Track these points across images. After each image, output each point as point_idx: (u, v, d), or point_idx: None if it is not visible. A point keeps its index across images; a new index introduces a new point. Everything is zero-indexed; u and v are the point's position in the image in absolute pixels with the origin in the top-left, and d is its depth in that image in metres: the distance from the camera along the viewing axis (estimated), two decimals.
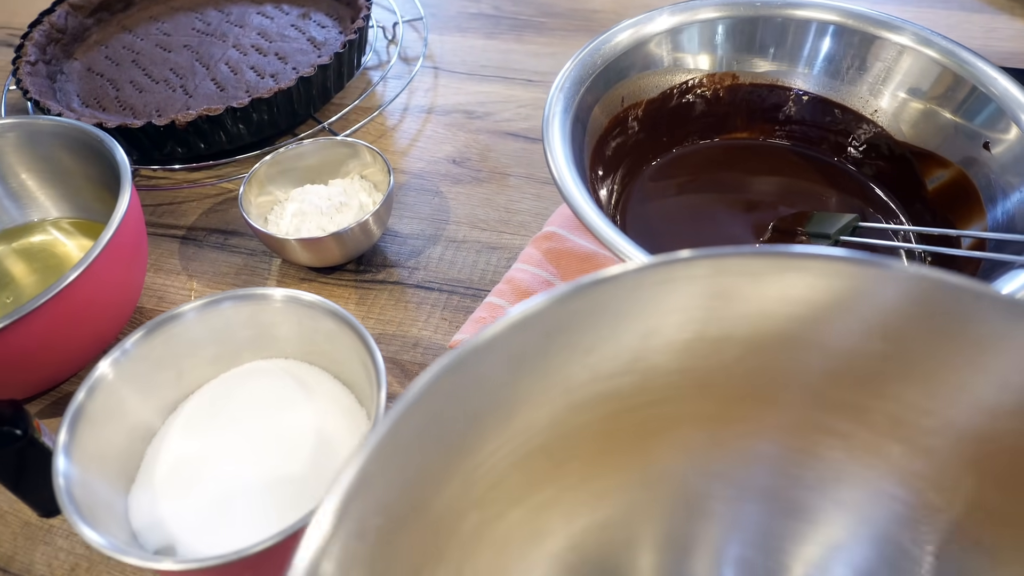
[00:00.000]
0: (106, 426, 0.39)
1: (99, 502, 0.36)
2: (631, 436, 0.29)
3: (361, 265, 0.55)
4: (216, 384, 0.44)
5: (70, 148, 0.52)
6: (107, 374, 0.39)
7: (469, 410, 0.25)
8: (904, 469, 0.28)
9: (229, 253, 0.57)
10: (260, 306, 0.43)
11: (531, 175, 0.61)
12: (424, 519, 0.25)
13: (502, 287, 0.51)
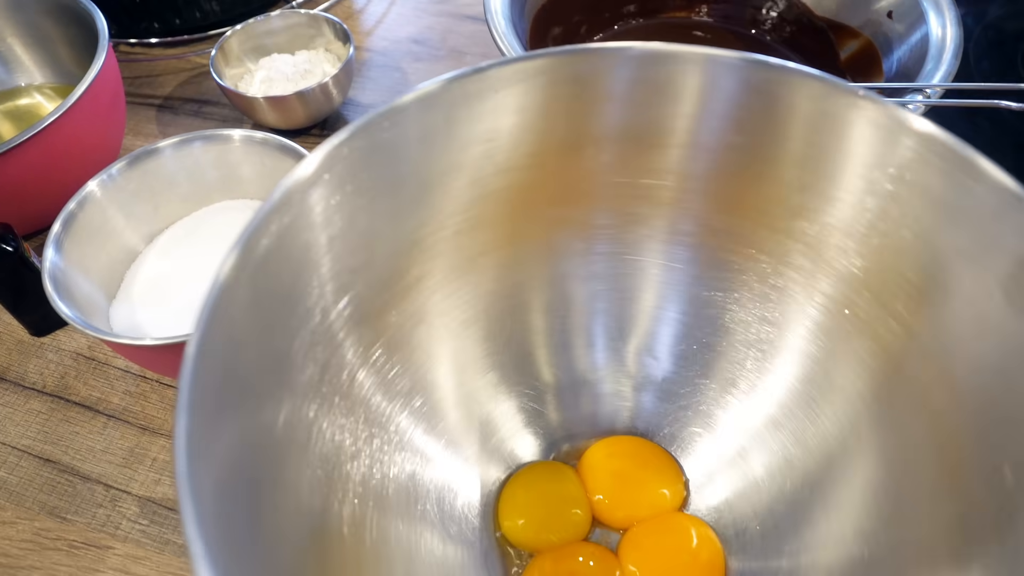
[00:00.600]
0: (92, 241, 0.44)
1: (81, 300, 0.42)
2: (517, 220, 0.34)
3: (324, 129, 0.60)
4: (189, 219, 0.49)
5: (54, 15, 0.56)
6: (95, 192, 0.44)
7: (393, 174, 0.30)
8: (685, 232, 0.33)
9: (203, 119, 0.61)
10: (225, 146, 0.47)
11: (485, 54, 0.65)
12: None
13: None
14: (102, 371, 0.47)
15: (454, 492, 0.37)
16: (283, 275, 0.26)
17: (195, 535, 0.19)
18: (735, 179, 0.30)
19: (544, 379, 0.39)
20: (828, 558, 0.32)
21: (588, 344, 0.37)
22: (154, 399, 0.45)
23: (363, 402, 0.32)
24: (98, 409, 0.45)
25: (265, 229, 0.24)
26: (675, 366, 0.36)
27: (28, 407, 0.45)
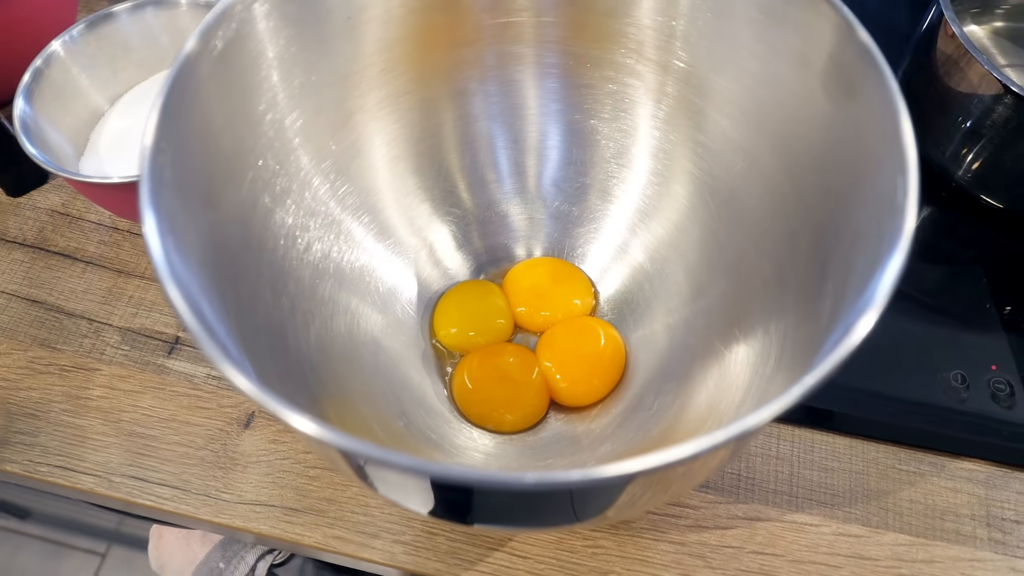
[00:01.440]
0: (59, 97, 0.48)
1: (52, 152, 0.46)
2: (426, 61, 0.39)
3: None
4: (147, 83, 0.53)
5: None
6: (58, 51, 0.48)
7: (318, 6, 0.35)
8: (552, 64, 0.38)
9: None
10: (174, 11, 0.51)
11: None
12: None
13: None
14: (77, 225, 0.52)
15: (398, 292, 0.43)
16: (236, 74, 0.31)
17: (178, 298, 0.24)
18: (579, 8, 0.35)
19: (468, 208, 0.45)
20: (683, 313, 0.40)
21: (497, 178, 0.43)
22: (127, 247, 0.51)
23: (321, 202, 0.37)
24: (76, 257, 0.50)
25: (216, 30, 0.29)
26: (563, 188, 0.42)
27: (11, 258, 0.50)
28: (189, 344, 0.47)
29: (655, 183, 0.39)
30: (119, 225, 0.52)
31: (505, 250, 0.46)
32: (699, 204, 0.36)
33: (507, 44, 0.37)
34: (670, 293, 0.40)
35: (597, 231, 0.43)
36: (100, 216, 0.52)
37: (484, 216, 0.45)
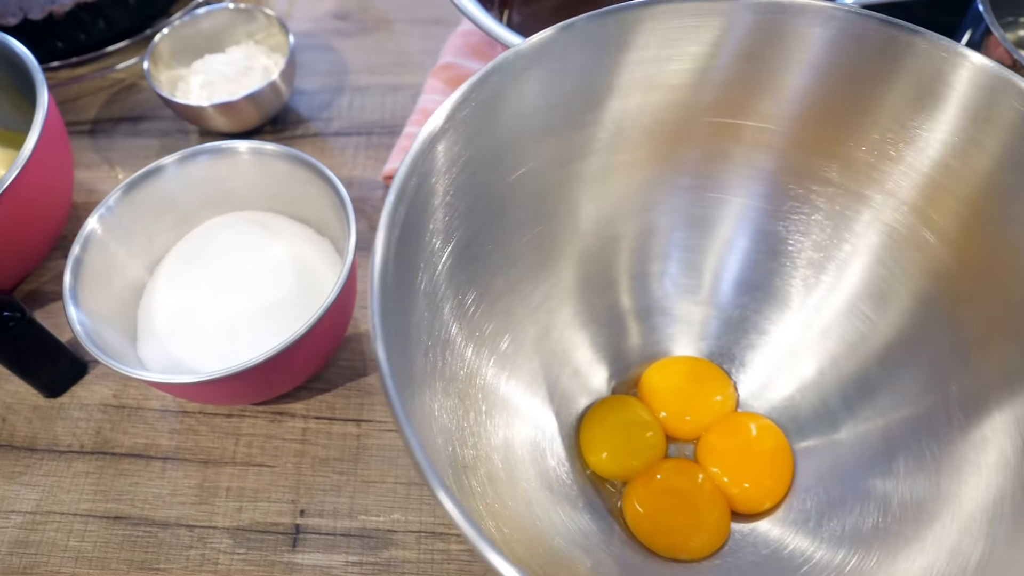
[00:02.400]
0: (102, 282, 0.42)
1: (114, 352, 0.40)
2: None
3: (277, 125, 0.58)
4: (183, 243, 0.47)
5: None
6: (96, 230, 0.42)
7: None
8: (765, 169, 0.36)
9: (144, 138, 0.58)
10: (221, 160, 0.46)
11: (413, 18, 0.65)
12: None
13: (416, 117, 0.56)
14: (138, 416, 0.46)
15: (542, 448, 0.40)
16: (415, 227, 0.28)
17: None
18: (819, 121, 0.33)
19: (621, 306, 0.42)
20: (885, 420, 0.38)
21: (662, 272, 0.40)
22: (204, 431, 0.45)
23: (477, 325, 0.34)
24: (150, 455, 0.44)
25: (408, 183, 0.27)
26: (738, 291, 0.40)
27: (73, 471, 0.44)
28: (314, 530, 0.42)
29: (848, 304, 0.37)
30: (187, 407, 0.46)
31: (658, 353, 0.43)
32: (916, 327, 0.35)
33: (719, 143, 0.35)
34: (839, 409, 0.38)
35: (766, 339, 0.41)
36: (162, 401, 0.46)
37: (641, 315, 0.42)
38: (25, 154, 0.44)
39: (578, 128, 0.35)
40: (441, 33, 0.63)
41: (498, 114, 0.32)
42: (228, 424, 0.45)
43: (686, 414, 0.42)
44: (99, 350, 0.38)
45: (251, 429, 0.45)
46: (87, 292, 0.41)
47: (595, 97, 0.34)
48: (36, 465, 0.44)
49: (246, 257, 0.46)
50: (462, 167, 0.32)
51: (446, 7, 0.65)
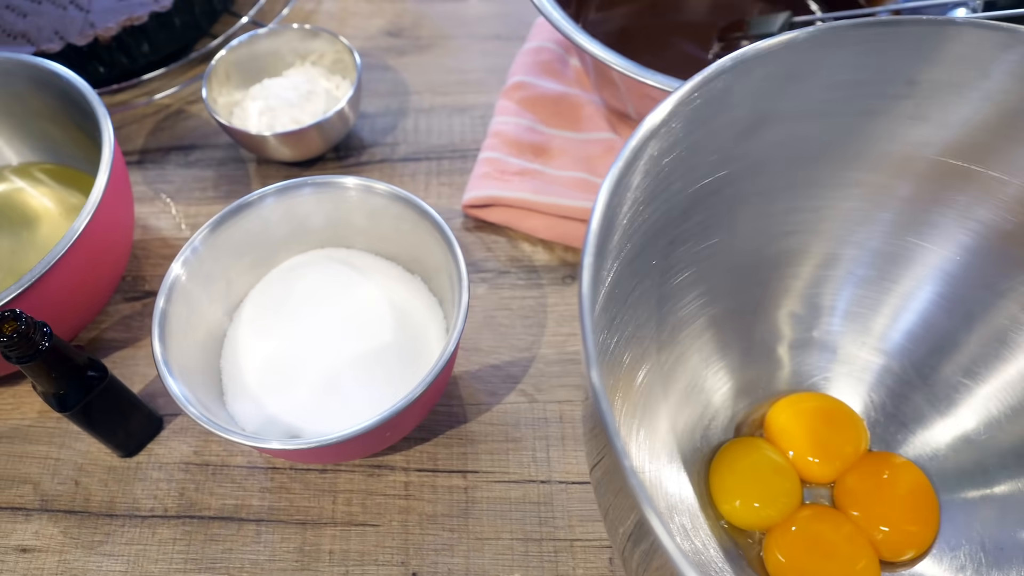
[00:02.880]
0: (186, 333, 0.39)
1: (203, 411, 0.37)
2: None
3: (340, 152, 0.55)
4: (264, 286, 0.44)
5: (22, 86, 0.47)
6: (180, 276, 0.39)
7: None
8: (990, 228, 0.33)
9: (198, 169, 0.55)
10: (324, 194, 0.42)
11: (471, 34, 0.62)
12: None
13: (492, 141, 0.53)
14: (223, 474, 0.42)
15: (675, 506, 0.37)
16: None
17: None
18: None
19: (777, 335, 0.39)
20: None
21: (832, 307, 0.37)
22: (297, 489, 0.42)
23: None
24: (241, 517, 0.41)
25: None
26: (912, 342, 0.37)
27: (158, 537, 0.41)
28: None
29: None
30: (276, 463, 0.43)
31: (806, 390, 0.41)
32: None
33: (942, 184, 0.32)
34: (995, 468, 0.36)
35: (929, 393, 0.38)
36: (248, 457, 0.43)
37: (797, 348, 0.40)
38: (96, 196, 0.40)
39: (783, 138, 0.32)
40: (501, 49, 0.60)
41: (712, 118, 0.30)
42: (323, 480, 0.42)
43: (818, 455, 0.40)
44: (205, 418, 0.35)
45: (348, 485, 0.42)
46: (173, 346, 0.38)
47: (814, 108, 0.31)
48: (117, 532, 0.41)
49: (337, 301, 0.42)
50: (660, 172, 0.29)
51: (505, 22, 0.62)
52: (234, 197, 0.53)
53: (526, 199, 0.49)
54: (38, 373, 0.36)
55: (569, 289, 0.48)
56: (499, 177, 0.51)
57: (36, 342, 0.34)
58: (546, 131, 0.54)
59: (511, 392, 0.44)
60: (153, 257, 0.51)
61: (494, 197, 0.49)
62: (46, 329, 0.35)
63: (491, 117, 0.56)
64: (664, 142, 0.28)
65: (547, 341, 0.46)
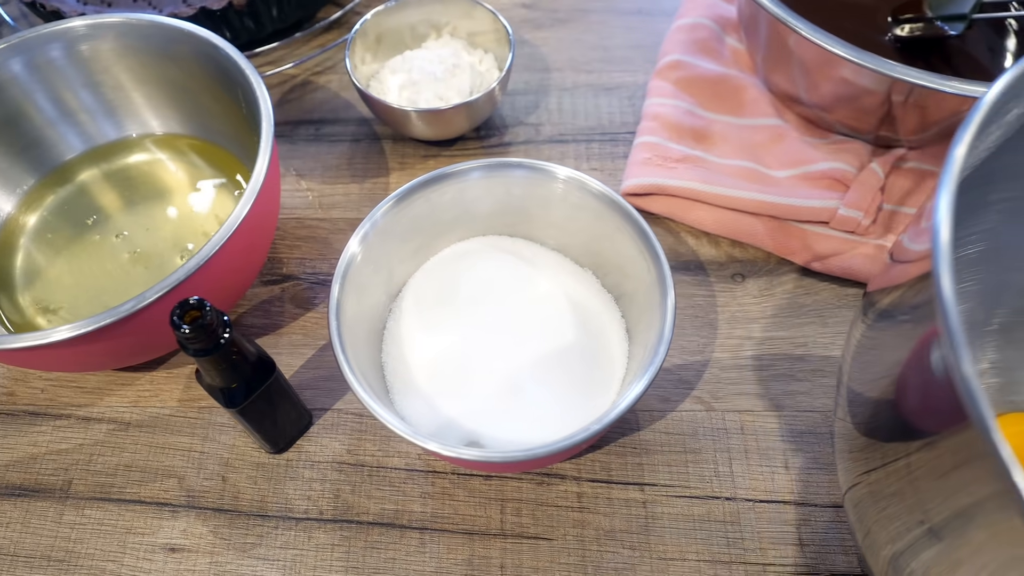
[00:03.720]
0: (355, 325, 0.36)
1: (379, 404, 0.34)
2: None
3: (481, 131, 0.52)
4: (426, 275, 0.41)
5: (178, 54, 0.44)
6: (356, 255, 0.36)
7: None
8: None
9: (328, 144, 0.52)
10: (529, 178, 0.39)
11: (611, 8, 0.58)
12: None
13: (649, 124, 0.49)
14: (380, 476, 0.40)
15: None
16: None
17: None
18: None
19: None
20: None
21: None
22: (461, 496, 0.39)
23: None
24: (402, 523, 0.38)
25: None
26: None
27: (315, 542, 0.38)
28: None
29: None
30: (437, 466, 0.40)
31: None
32: None
33: None
34: None
35: None
36: (406, 459, 0.40)
37: None
38: (259, 175, 0.37)
39: None
40: (644, 24, 0.56)
41: None
42: (488, 488, 0.39)
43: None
44: (409, 430, 0.32)
45: (516, 494, 0.39)
46: (348, 339, 0.35)
47: None
48: (271, 535, 0.38)
49: (511, 295, 0.39)
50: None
51: None
52: (371, 175, 0.50)
53: (693, 188, 0.45)
54: (212, 366, 0.33)
55: (739, 288, 0.45)
56: (661, 164, 0.47)
57: (217, 335, 0.31)
58: (706, 115, 0.50)
59: (685, 399, 0.41)
60: (289, 238, 0.48)
61: (658, 185, 0.46)
62: (227, 320, 0.32)
63: (641, 98, 0.52)
64: None
65: (720, 344, 0.43)
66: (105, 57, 0.44)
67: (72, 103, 0.45)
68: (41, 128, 0.45)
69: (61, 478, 0.40)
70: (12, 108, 0.44)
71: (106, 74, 0.45)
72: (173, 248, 0.44)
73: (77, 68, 0.44)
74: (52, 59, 0.43)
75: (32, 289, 0.43)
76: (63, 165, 0.47)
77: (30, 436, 0.42)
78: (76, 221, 0.45)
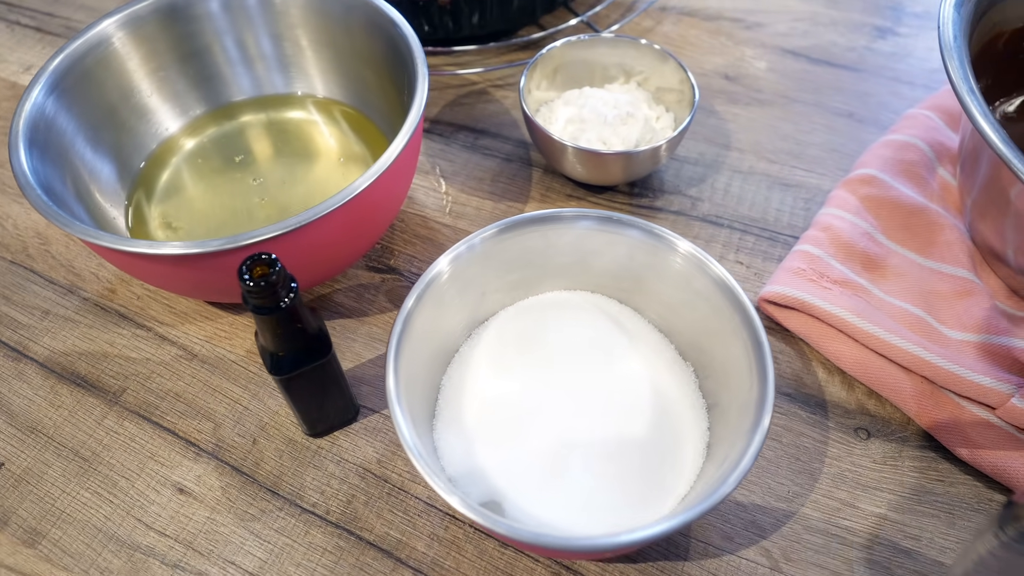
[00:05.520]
0: (422, 339, 0.34)
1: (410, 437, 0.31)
2: None
3: (636, 187, 0.48)
4: (517, 313, 0.38)
5: (356, 21, 0.45)
6: (443, 272, 0.34)
7: None
8: None
9: (481, 156, 0.50)
10: (616, 236, 0.36)
11: (820, 103, 0.53)
12: None
13: (815, 234, 0.44)
14: (399, 500, 0.37)
15: None
16: None
17: None
18: None
19: None
20: None
21: None
22: (470, 552, 0.35)
23: None
24: (400, 557, 0.35)
25: None
26: None
27: (309, 540, 0.36)
28: None
29: None
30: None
31: None
32: None
33: None
34: None
35: None
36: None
37: None
38: (388, 159, 0.36)
39: None
40: (850, 130, 0.51)
41: None
42: (500, 557, 0.35)
43: None
44: (430, 471, 0.29)
45: (528, 575, 0.35)
46: (407, 352, 0.33)
47: None
48: (272, 514, 0.36)
49: (597, 363, 0.35)
50: None
51: (864, 102, 0.53)
52: (509, 197, 0.48)
53: (842, 318, 0.39)
54: (267, 327, 0.31)
55: (860, 445, 0.38)
56: (815, 280, 0.41)
57: (279, 296, 0.30)
58: (886, 243, 0.44)
59: (752, 546, 0.35)
60: (408, 233, 0.47)
61: (803, 301, 0.40)
62: (293, 284, 0.31)
63: (819, 204, 0.47)
64: None
65: (814, 500, 0.36)
66: (293, 13, 0.46)
67: (253, 50, 0.48)
68: (221, 66, 0.48)
69: (119, 384, 0.41)
70: (202, 42, 0.46)
71: (290, 29, 0.47)
72: (299, 206, 0.45)
73: (267, 18, 0.46)
74: (247, 5, 0.46)
75: (165, 203, 0.45)
76: (230, 104, 0.49)
77: (111, 335, 0.43)
78: (225, 156, 0.47)
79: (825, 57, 0.56)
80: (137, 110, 0.46)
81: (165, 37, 0.45)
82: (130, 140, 0.45)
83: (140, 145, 0.46)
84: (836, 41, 0.57)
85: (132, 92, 0.45)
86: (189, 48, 0.46)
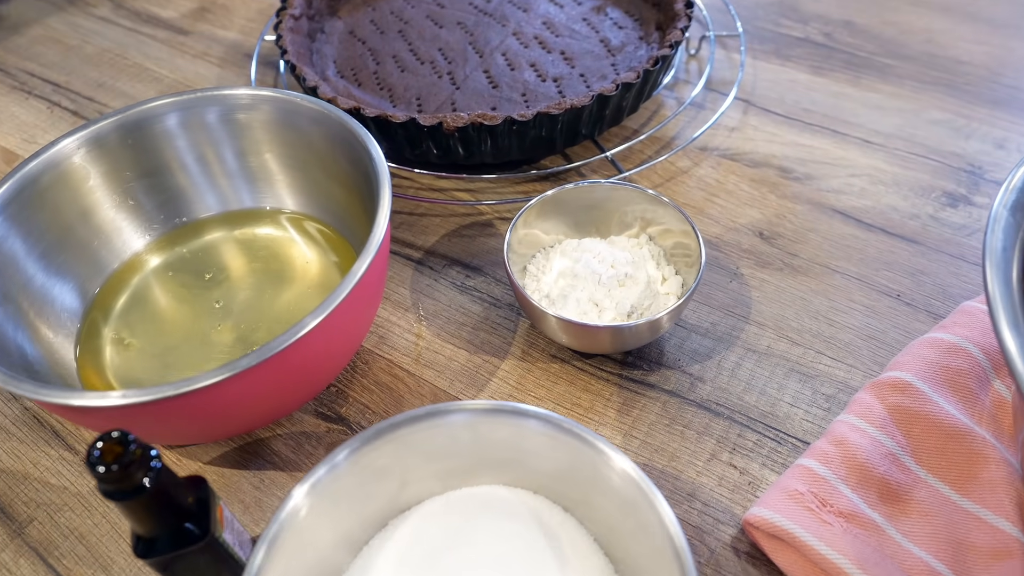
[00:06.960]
0: (295, 555, 0.29)
1: None
2: None
3: (629, 356, 0.43)
4: (447, 505, 0.33)
5: (323, 137, 0.43)
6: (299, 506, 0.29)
7: None
8: None
9: (469, 298, 0.46)
10: (520, 428, 0.31)
11: (864, 277, 0.46)
12: None
13: (826, 447, 0.36)
14: None
15: None
16: None
17: None
18: None
19: None
20: None
21: None
22: None
23: None
24: None
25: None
26: None
27: None
28: None
29: None
30: None
31: None
32: None
33: None
34: None
35: None
36: None
37: None
38: (337, 299, 0.33)
39: None
40: (894, 314, 0.44)
41: None
42: None
43: None
44: None
45: None
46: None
47: None
48: None
49: None
50: None
51: (916, 282, 0.45)
52: (486, 351, 0.43)
53: (840, 567, 0.32)
54: (128, 512, 0.28)
55: None
56: (815, 510, 0.34)
57: (137, 478, 0.26)
58: (915, 470, 0.36)
59: None
60: (368, 377, 0.43)
61: (793, 536, 0.33)
62: (153, 463, 0.27)
63: (842, 405, 0.40)
64: None
65: None
66: (257, 128, 0.45)
67: (215, 166, 0.46)
68: (184, 182, 0.46)
69: (28, 512, 0.38)
70: (162, 160, 0.45)
71: (254, 145, 0.45)
72: (260, 334, 0.42)
73: (230, 133, 0.45)
74: (207, 122, 0.44)
75: (121, 319, 0.43)
76: (196, 221, 0.47)
77: (38, 454, 0.40)
78: (195, 272, 0.45)
79: (880, 223, 0.49)
80: (97, 229, 0.44)
81: (126, 155, 0.44)
82: (88, 257, 0.44)
83: (100, 263, 0.45)
84: (896, 205, 0.50)
85: (92, 210, 0.44)
86: (151, 165, 0.45)
